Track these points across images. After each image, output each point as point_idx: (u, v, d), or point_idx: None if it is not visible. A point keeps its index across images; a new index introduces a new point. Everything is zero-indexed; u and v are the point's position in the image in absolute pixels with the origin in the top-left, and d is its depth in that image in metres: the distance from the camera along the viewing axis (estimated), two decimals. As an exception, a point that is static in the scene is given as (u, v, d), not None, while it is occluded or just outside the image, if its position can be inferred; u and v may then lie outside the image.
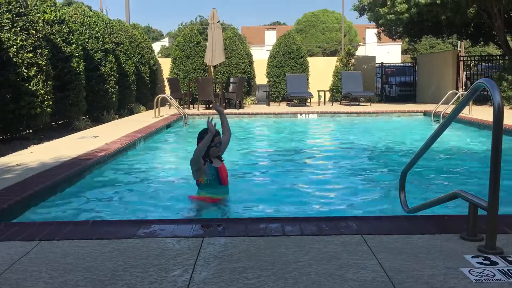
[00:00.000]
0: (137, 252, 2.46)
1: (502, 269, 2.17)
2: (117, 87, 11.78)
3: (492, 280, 2.07)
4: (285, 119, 12.62)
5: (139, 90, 14.40)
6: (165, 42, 59.37)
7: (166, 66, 17.60)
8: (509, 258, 2.29)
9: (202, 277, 2.13)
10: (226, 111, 13.47)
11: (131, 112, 13.06)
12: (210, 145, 4.08)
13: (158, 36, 74.74)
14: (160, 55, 46.99)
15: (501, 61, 17.05)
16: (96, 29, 11.17)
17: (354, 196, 4.60)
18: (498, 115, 2.29)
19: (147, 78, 15.33)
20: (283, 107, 15.23)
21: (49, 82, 8.05)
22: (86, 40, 10.77)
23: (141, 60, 14.90)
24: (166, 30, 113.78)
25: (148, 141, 8.05)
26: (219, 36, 14.47)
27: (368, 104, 15.57)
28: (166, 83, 16.62)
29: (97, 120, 10.74)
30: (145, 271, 2.21)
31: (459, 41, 33.28)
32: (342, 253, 2.41)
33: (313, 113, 13.07)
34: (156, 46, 55.15)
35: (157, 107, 11.30)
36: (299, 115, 12.93)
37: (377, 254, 2.39)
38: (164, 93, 14.35)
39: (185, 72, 16.69)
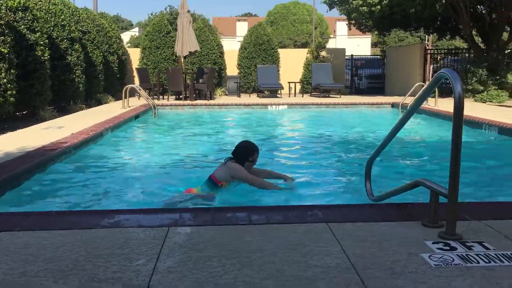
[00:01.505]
0: (101, 242, 2.42)
1: (461, 254, 2.23)
2: (84, 76, 11.52)
3: (451, 264, 2.12)
4: (256, 111, 12.63)
5: (107, 80, 14.13)
6: (135, 32, 58.35)
7: (135, 56, 17.32)
8: (467, 244, 2.36)
9: (167, 266, 2.11)
10: (196, 101, 13.40)
11: (99, 103, 12.82)
12: (249, 160, 4.10)
13: (128, 26, 73.38)
14: (129, 45, 46.18)
15: (466, 55, 17.47)
16: (62, 17, 10.87)
17: (321, 185, 4.64)
18: (459, 104, 2.34)
19: (116, 68, 15.06)
20: (253, 98, 15.23)
21: (12, 70, 7.81)
22: (52, 28, 10.47)
23: (109, 50, 14.61)
24: (136, 19, 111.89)
25: (116, 132, 7.92)
26: (189, 26, 14.31)
27: (338, 96, 15.73)
28: (135, 74, 16.37)
29: (63, 110, 10.49)
30: (108, 261, 2.18)
31: (426, 35, 33.88)
32: (307, 240, 2.43)
33: (283, 104, 13.11)
34: (126, 36, 54.12)
35: (125, 97, 11.12)
36: (269, 106, 12.96)
37: (341, 241, 2.42)
38: (134, 84, 14.12)
39: (155, 62, 16.47)
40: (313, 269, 2.08)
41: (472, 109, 10.37)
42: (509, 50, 16.50)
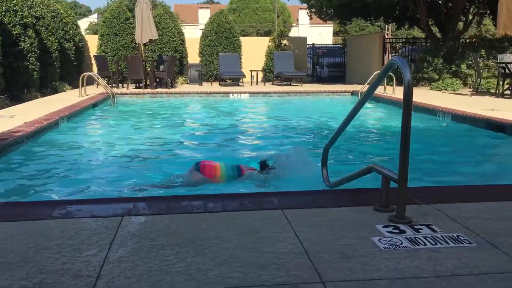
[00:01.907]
0: (51, 233, 2.36)
1: (409, 237, 2.30)
2: (38, 64, 11.13)
3: (400, 247, 2.18)
4: (217, 99, 12.57)
5: (63, 68, 13.69)
6: (94, 18, 56.76)
7: (93, 43, 16.86)
8: (416, 227, 2.43)
9: (118, 256, 2.08)
10: (157, 90, 13.20)
11: (55, 91, 12.42)
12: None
13: (86, 12, 71.34)
14: (88, 31, 44.88)
15: (424, 44, 17.90)
16: (14, 1, 10.43)
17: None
18: (408, 91, 2.40)
19: (72, 56, 14.62)
20: (215, 86, 15.14)
21: (-40, 57, 7.46)
22: (3, 13, 10.05)
23: (65, 36, 14.16)
24: (94, 6, 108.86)
25: (72, 120, 7.72)
26: (149, 13, 14.02)
27: (300, 84, 15.84)
28: (93, 61, 15.95)
29: (17, 99, 10.11)
30: (58, 252, 2.13)
31: (386, 24, 34.49)
32: (262, 227, 2.45)
33: (245, 92, 13.10)
34: (84, 23, 52.54)
35: (82, 86, 10.83)
36: (231, 94, 12.92)
37: (295, 227, 2.45)
38: (92, 72, 13.76)
39: (114, 49, 16.09)
40: (266, 255, 2.10)
41: (428, 97, 10.66)
42: (463, 40, 17.03)
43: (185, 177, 4.12)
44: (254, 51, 17.95)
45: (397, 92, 11.42)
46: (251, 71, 16.55)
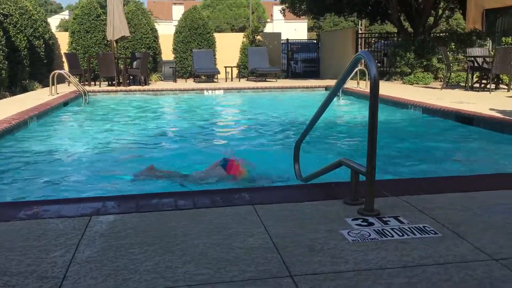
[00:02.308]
0: (16, 235, 2.31)
1: (377, 229, 2.33)
2: (6, 62, 10.86)
3: (368, 239, 2.21)
4: (192, 96, 12.50)
5: (33, 66, 13.39)
6: (65, 15, 55.73)
7: (64, 40, 16.51)
8: (384, 219, 2.47)
9: (85, 256, 2.06)
10: (130, 87, 13.04)
11: (25, 90, 12.15)
12: None
13: (57, 9, 69.96)
14: (60, 28, 44.02)
15: (395, 38, 18.14)
16: (-21, -2, 10.16)
17: (256, 167, 4.68)
18: (374, 85, 2.43)
19: (42, 53, 14.31)
20: (190, 83, 15.04)
21: None
22: (-32, 10, 9.77)
23: (34, 34, 13.85)
24: (65, 2, 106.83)
25: (42, 120, 7.56)
26: (121, 9, 13.81)
27: (274, 80, 15.87)
28: (64, 59, 15.64)
29: (-16, 98, 9.87)
30: (23, 254, 2.09)
31: (359, 20, 34.81)
32: (232, 223, 2.45)
33: (219, 89, 13.05)
34: (55, 20, 51.53)
35: (53, 84, 10.61)
36: (205, 91, 12.85)
37: (265, 222, 2.45)
38: (63, 70, 13.49)
39: (85, 47, 15.81)
40: (236, 251, 2.10)
41: (400, 90, 10.82)
42: (435, 34, 17.33)
43: (207, 171, 4.07)
44: (228, 47, 17.88)
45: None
46: (225, 67, 16.50)
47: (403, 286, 1.77)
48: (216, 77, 16.24)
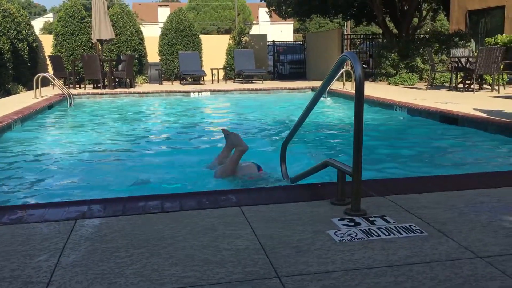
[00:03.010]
0: (0, 239, 2.28)
1: (364, 229, 2.34)
2: (-11, 65, 10.72)
3: (354, 239, 2.22)
4: (178, 98, 12.45)
5: (17, 69, 13.24)
6: (49, 17, 55.22)
7: (48, 43, 16.34)
8: (370, 219, 2.48)
9: (71, 260, 2.03)
10: (116, 90, 12.95)
11: (8, 93, 12.00)
12: None
13: (41, 12, 69.28)
14: (44, 31, 43.58)
15: (380, 40, 18.28)
16: (-39, 0, 10.01)
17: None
18: (360, 85, 2.44)
19: (26, 56, 14.16)
20: (176, 85, 14.99)
21: None
22: (-51, 13, 9.62)
23: (17, 37, 13.69)
24: (49, 5, 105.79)
25: (27, 123, 7.47)
26: (105, 12, 13.72)
27: (261, 81, 15.88)
28: (48, 62, 15.48)
29: (-33, 102, 9.72)
30: (6, 259, 2.06)
31: (345, 21, 35.03)
32: (219, 225, 2.44)
33: (206, 91, 13.03)
34: (39, 22, 51.02)
35: (37, 87, 10.49)
36: (192, 93, 12.82)
37: (252, 223, 2.45)
38: (47, 73, 13.35)
39: (70, 49, 15.66)
40: (223, 253, 2.10)
41: (386, 91, 10.90)
42: (419, 35, 17.50)
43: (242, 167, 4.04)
44: (214, 49, 17.86)
45: (356, 88, 11.62)
46: (212, 69, 16.48)
47: (389, 285, 1.78)
48: (202, 79, 16.21)
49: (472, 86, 10.59)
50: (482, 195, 2.86)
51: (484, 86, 11.38)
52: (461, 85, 11.23)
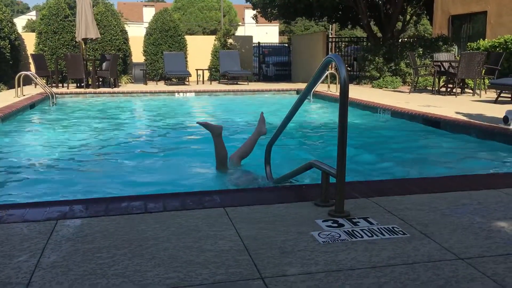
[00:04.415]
0: (-22, 240, 2.23)
1: (347, 230, 2.35)
2: (-30, 63, 10.53)
3: (338, 240, 2.23)
4: (162, 98, 12.37)
5: (-2, 68, 13.03)
6: (32, 15, 54.52)
7: (31, 41, 16.11)
8: (354, 220, 2.49)
9: (51, 261, 2.00)
10: (99, 89, 12.82)
11: (-11, 92, 11.81)
12: None
13: (24, 9, 68.38)
14: (27, 29, 42.96)
15: (364, 43, 18.42)
16: None
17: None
18: (344, 87, 2.45)
19: (8, 54, 13.92)
20: (161, 86, 14.90)
21: None
22: None
23: (-1, 34, 13.47)
24: (32, 3, 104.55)
25: (7, 122, 7.35)
26: (90, 10, 13.58)
27: (246, 83, 15.88)
28: (31, 60, 15.26)
29: None
30: (-15, 259, 2.02)
31: (330, 24, 35.24)
32: (203, 225, 2.43)
33: (190, 92, 12.98)
34: (22, 20, 50.31)
35: (19, 86, 10.34)
36: (176, 94, 12.76)
37: (236, 224, 2.44)
38: (30, 71, 13.15)
39: (53, 48, 15.47)
40: (206, 254, 2.09)
41: (370, 94, 10.98)
42: (403, 39, 17.68)
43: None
44: (199, 50, 17.81)
45: (341, 90, 11.69)
46: (197, 70, 16.42)
47: (372, 286, 1.79)
48: (187, 79, 16.14)
49: (454, 90, 10.73)
50: (464, 198, 2.90)
51: (466, 90, 11.55)
52: (443, 89, 11.37)
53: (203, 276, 1.88)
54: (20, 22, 38.32)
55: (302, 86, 13.56)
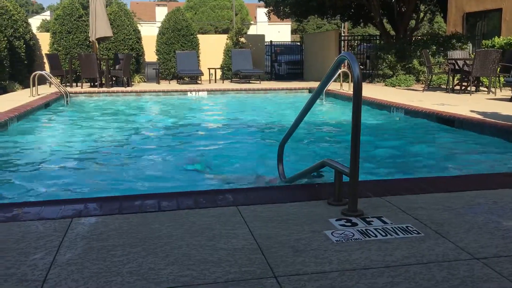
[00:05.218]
0: (-5, 237, 2.26)
1: (361, 229, 2.34)
2: (-14, 63, 10.67)
3: (351, 239, 2.22)
4: (175, 97, 12.43)
5: (13, 67, 13.19)
6: (47, 15, 55.11)
7: (45, 41, 16.28)
8: (368, 219, 2.48)
9: (66, 258, 2.02)
10: (113, 89, 12.92)
11: (4, 91, 11.94)
12: None
13: (39, 10, 69.11)
14: (41, 29, 43.45)
15: (377, 41, 18.30)
16: (-42, -3, 9.96)
17: (236, 169, 4.68)
18: (357, 85, 2.44)
19: (23, 54, 14.09)
20: (173, 85, 14.96)
21: None
22: None
23: (15, 34, 13.63)
24: (47, 3, 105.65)
25: (23, 121, 7.44)
26: (103, 10, 13.68)
27: (258, 81, 15.87)
28: (45, 60, 15.42)
29: (-37, 99, 9.66)
30: (1, 257, 2.04)
31: (342, 22, 35.06)
32: (216, 224, 2.44)
33: (203, 90, 13.01)
34: (37, 20, 50.89)
35: (34, 85, 10.46)
36: (189, 92, 12.80)
37: (249, 223, 2.45)
38: (44, 71, 13.29)
39: (67, 47, 15.60)
40: (219, 252, 2.09)
41: (382, 93, 10.91)
42: (417, 37, 17.53)
43: None
44: (212, 49, 17.84)
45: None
46: (209, 69, 16.46)
47: (386, 286, 1.77)
48: (199, 78, 16.18)
49: (468, 88, 10.61)
50: (479, 197, 2.86)
51: (481, 88, 11.41)
52: (457, 87, 11.25)
53: (216, 274, 1.88)
54: (34, 22, 38.76)
55: (314, 85, 13.52)
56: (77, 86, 13.81)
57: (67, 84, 13.73)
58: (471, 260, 1.99)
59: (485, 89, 11.16)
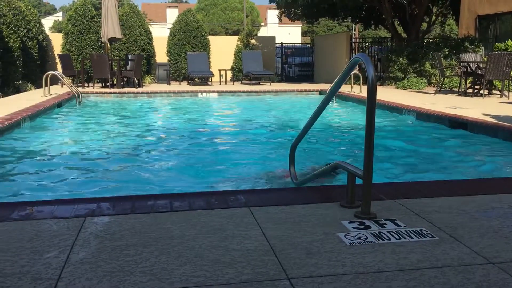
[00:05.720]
0: (9, 236, 2.28)
1: (374, 232, 2.33)
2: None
3: (365, 242, 2.20)
4: (185, 98, 12.46)
5: (26, 67, 13.31)
6: (59, 16, 55.59)
7: (57, 41, 16.43)
8: (381, 222, 2.46)
9: (80, 257, 2.03)
10: (124, 89, 13.00)
11: (17, 91, 12.06)
12: None
13: (51, 10, 69.75)
14: (53, 30, 43.83)
15: (389, 44, 18.23)
16: (-27, -2, 10.08)
17: (248, 171, 4.67)
18: (372, 87, 2.42)
19: (36, 54, 14.23)
20: (184, 86, 15.01)
21: None
22: (-39, 10, 9.69)
23: (28, 35, 13.77)
24: (59, 4, 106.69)
25: (36, 121, 7.51)
26: (115, 11, 13.77)
27: (268, 83, 15.87)
28: (58, 60, 15.56)
29: (-24, 99, 9.77)
30: (16, 255, 2.06)
31: (353, 24, 34.97)
32: (228, 225, 2.43)
33: (213, 92, 13.04)
34: (49, 21, 51.35)
35: (46, 85, 10.54)
36: (199, 94, 12.83)
37: (261, 224, 2.44)
38: (56, 71, 13.40)
39: (79, 48, 15.73)
40: (232, 253, 2.09)
41: (394, 95, 10.85)
42: (429, 39, 17.43)
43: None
44: (222, 50, 17.88)
45: (364, 91, 11.59)
46: (219, 70, 16.49)
47: (401, 289, 1.76)
48: (210, 80, 16.22)
49: (481, 92, 10.52)
50: (494, 201, 2.83)
51: (494, 91, 11.30)
52: (470, 90, 11.16)
53: (229, 275, 1.88)
54: (47, 23, 39.13)
55: (325, 87, 13.49)
56: (88, 86, 13.91)
57: (79, 84, 13.83)
58: (487, 264, 1.97)
59: (498, 92, 11.06)
